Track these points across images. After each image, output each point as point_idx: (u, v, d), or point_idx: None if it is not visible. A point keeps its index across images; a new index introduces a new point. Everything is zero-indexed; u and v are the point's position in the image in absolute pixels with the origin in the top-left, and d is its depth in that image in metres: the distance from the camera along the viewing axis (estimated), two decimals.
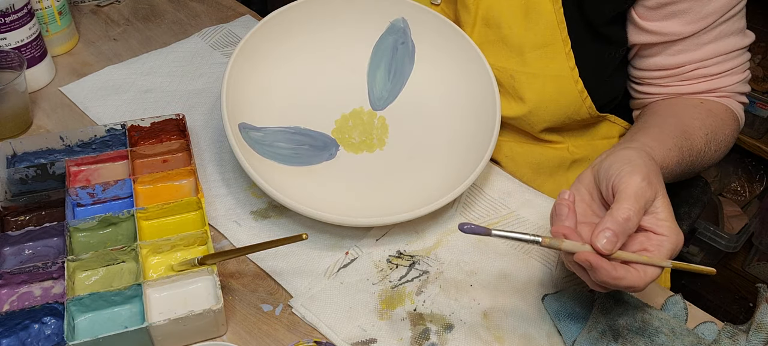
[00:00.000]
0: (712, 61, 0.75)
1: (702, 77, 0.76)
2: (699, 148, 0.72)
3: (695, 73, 0.76)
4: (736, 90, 0.78)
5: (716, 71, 0.76)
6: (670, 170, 0.67)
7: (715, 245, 1.61)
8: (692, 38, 0.73)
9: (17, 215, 0.69)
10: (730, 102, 0.78)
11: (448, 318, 0.64)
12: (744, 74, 0.78)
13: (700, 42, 0.74)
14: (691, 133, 0.71)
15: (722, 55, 0.75)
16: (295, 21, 0.81)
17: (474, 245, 0.71)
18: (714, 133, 0.74)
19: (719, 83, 0.76)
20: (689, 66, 0.75)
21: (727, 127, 0.76)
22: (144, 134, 0.77)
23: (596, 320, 0.62)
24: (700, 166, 0.75)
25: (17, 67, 0.80)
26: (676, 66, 0.76)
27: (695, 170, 0.76)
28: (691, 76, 0.76)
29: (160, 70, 0.92)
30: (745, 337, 0.61)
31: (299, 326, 0.63)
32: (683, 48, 0.74)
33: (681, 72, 0.76)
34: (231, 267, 0.68)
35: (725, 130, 0.76)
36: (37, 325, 0.60)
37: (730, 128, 0.77)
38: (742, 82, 0.78)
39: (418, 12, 0.82)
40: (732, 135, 0.77)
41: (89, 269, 0.64)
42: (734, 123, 0.78)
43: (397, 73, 0.84)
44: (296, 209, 0.66)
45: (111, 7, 1.05)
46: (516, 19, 0.75)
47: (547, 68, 0.76)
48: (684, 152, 0.69)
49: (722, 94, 0.77)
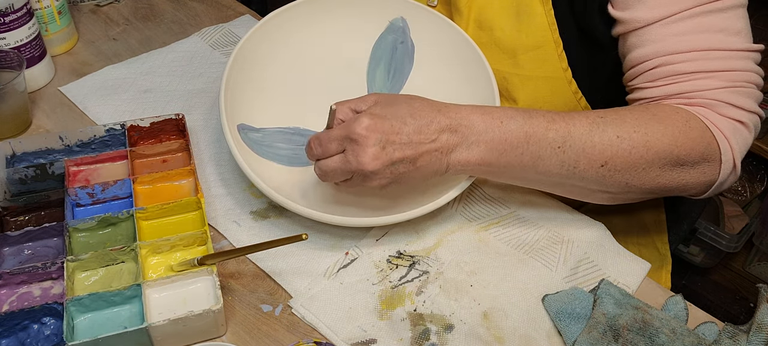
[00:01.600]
0: (680, 57, 0.66)
1: (668, 77, 0.67)
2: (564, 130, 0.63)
3: (659, 70, 0.67)
4: (716, 98, 0.65)
5: (686, 69, 0.66)
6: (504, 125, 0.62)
7: (715, 245, 1.61)
8: (659, 26, 0.66)
9: (16, 215, 0.69)
10: (709, 113, 0.65)
11: (448, 318, 0.64)
12: (731, 83, 0.65)
13: (668, 32, 0.66)
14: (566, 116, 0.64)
15: (695, 52, 0.65)
16: (295, 21, 0.81)
17: (474, 245, 0.70)
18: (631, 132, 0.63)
19: (690, 86, 0.66)
20: (653, 61, 0.67)
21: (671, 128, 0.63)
22: (143, 134, 0.76)
23: (596, 320, 0.62)
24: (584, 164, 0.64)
25: (16, 67, 0.80)
26: (642, 60, 0.68)
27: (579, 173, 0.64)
28: (655, 75, 0.67)
29: (160, 69, 0.92)
30: (745, 337, 0.61)
31: (299, 327, 0.63)
32: (649, 38, 0.67)
33: (645, 68, 0.68)
34: (231, 267, 0.68)
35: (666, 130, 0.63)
36: (37, 325, 0.59)
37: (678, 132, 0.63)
38: (727, 91, 0.65)
39: (418, 11, 0.82)
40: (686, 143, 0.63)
41: (89, 270, 0.64)
42: (694, 133, 0.64)
43: (397, 72, 0.84)
44: (296, 209, 0.66)
45: (110, 6, 1.05)
46: (508, 21, 0.75)
47: (540, 70, 0.75)
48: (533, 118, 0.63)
49: (696, 100, 0.66)
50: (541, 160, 0.64)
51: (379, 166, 0.60)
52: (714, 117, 0.65)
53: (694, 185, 0.66)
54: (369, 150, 0.59)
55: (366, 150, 0.59)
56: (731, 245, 1.60)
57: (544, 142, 0.63)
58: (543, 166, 0.64)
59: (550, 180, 0.66)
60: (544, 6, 0.73)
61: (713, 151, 0.65)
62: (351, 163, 0.60)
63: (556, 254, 0.70)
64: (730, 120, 0.65)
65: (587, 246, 0.71)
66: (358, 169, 0.60)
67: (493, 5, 0.76)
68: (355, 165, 0.60)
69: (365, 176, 0.61)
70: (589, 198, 0.70)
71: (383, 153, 0.60)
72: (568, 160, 0.63)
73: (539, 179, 0.66)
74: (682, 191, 0.67)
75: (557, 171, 0.64)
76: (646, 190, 0.66)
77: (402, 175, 0.62)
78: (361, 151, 0.59)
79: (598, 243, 0.71)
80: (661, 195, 0.69)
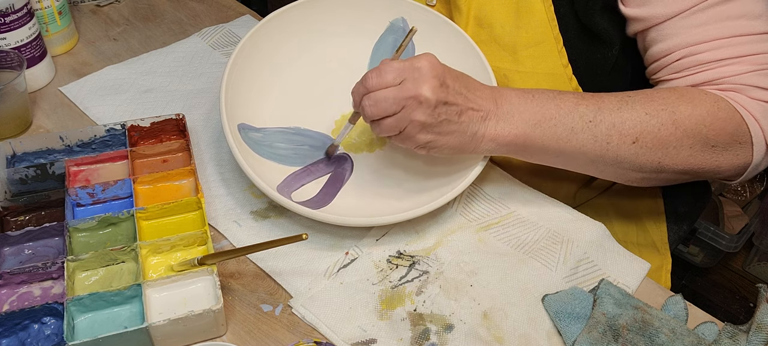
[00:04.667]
0: (705, 47, 0.66)
1: (695, 66, 0.67)
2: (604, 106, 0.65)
3: (685, 61, 0.68)
4: (745, 82, 0.66)
5: (712, 58, 0.66)
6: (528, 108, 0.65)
7: (715, 245, 1.61)
8: (678, 20, 0.67)
9: (17, 215, 0.69)
10: (739, 97, 0.66)
11: (448, 318, 0.64)
12: (758, 66, 0.66)
13: (689, 23, 0.67)
14: (598, 97, 0.66)
15: (719, 40, 0.66)
16: (295, 21, 0.81)
17: (474, 245, 0.70)
18: (659, 109, 0.64)
19: (718, 73, 0.66)
20: (677, 53, 0.68)
21: (699, 108, 0.64)
22: (144, 134, 0.76)
23: (596, 320, 0.62)
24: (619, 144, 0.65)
25: (17, 67, 0.80)
26: (665, 53, 0.69)
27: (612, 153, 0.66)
28: (681, 66, 0.68)
29: (160, 69, 0.92)
30: (745, 337, 0.61)
31: (299, 327, 0.63)
32: (671, 32, 0.68)
33: (669, 60, 0.69)
34: (231, 267, 0.68)
35: (694, 110, 0.64)
36: (37, 325, 0.59)
37: (705, 113, 0.64)
38: (755, 74, 0.66)
39: (418, 11, 0.82)
40: (715, 124, 0.64)
41: (89, 269, 0.64)
42: (722, 113, 0.65)
43: None
44: (296, 209, 0.66)
45: (111, 7, 1.05)
46: (508, 18, 0.75)
47: (540, 66, 0.75)
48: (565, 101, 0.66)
49: (725, 86, 0.67)
50: (575, 134, 0.65)
51: (433, 97, 0.61)
52: (743, 100, 0.66)
53: (728, 167, 0.67)
54: (430, 80, 0.61)
55: (427, 79, 0.61)
56: (731, 245, 1.60)
57: (576, 114, 0.65)
58: (577, 141, 0.65)
59: (585, 158, 0.67)
60: (543, 2, 0.73)
61: (743, 133, 0.66)
62: (408, 89, 0.61)
63: (556, 254, 0.70)
64: (759, 102, 0.66)
65: (587, 246, 0.71)
66: (416, 94, 0.61)
67: (493, 2, 0.76)
68: (413, 91, 0.61)
69: (418, 105, 0.61)
70: (623, 179, 0.71)
71: (441, 88, 0.61)
72: (601, 135, 0.65)
73: (574, 157, 0.67)
74: (716, 173, 0.68)
75: (591, 146, 0.65)
76: (679, 171, 0.67)
77: (445, 125, 0.63)
78: (421, 79, 0.61)
79: (598, 243, 0.71)
80: (696, 178, 0.70)
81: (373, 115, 0.63)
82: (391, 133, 0.64)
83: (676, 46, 0.68)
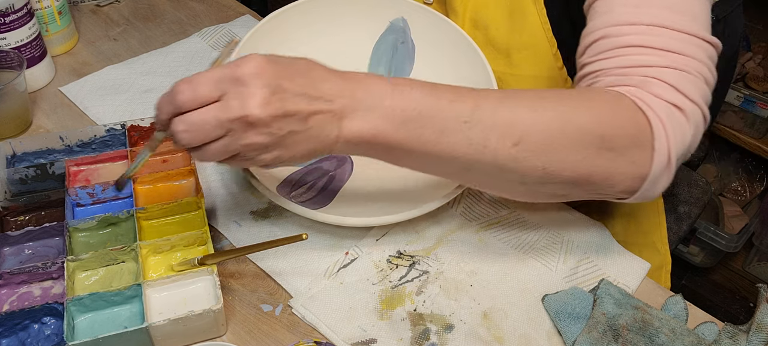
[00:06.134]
0: (626, 30, 0.58)
1: (612, 49, 0.59)
2: None
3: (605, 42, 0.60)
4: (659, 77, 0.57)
5: (629, 42, 0.58)
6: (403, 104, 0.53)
7: (715, 245, 1.61)
8: None
9: (17, 214, 0.69)
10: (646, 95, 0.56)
11: (448, 318, 0.64)
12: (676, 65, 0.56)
13: (617, 2, 0.59)
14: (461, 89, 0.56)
15: (643, 25, 0.58)
16: (295, 21, 0.81)
17: (474, 245, 0.70)
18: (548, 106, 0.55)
19: (630, 60, 0.58)
20: (601, 31, 0.60)
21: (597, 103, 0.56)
22: (144, 134, 0.76)
23: (596, 320, 0.62)
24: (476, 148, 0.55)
25: (17, 67, 0.80)
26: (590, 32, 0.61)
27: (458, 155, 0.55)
28: (601, 48, 0.60)
29: (160, 70, 0.92)
30: (745, 337, 0.61)
31: (299, 326, 0.63)
32: (600, 9, 0.61)
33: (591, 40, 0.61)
34: (231, 267, 0.68)
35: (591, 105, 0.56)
36: (37, 325, 0.59)
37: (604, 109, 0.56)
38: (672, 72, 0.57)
39: (418, 11, 0.82)
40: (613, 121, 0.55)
41: (89, 269, 0.64)
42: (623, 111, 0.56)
43: (397, 72, 0.84)
44: (296, 209, 0.66)
45: (111, 7, 1.05)
46: (502, 21, 0.75)
47: (535, 69, 0.75)
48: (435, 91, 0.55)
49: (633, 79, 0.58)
50: (445, 135, 0.54)
51: (267, 115, 0.49)
52: (650, 99, 0.56)
53: (623, 176, 0.57)
54: (258, 93, 0.48)
55: (254, 91, 0.48)
56: (731, 245, 1.60)
57: (449, 112, 0.54)
58: (448, 144, 0.54)
59: (458, 164, 0.56)
60: (535, 5, 0.72)
61: (645, 134, 0.56)
62: (232, 108, 0.49)
63: (556, 254, 0.70)
64: (666, 103, 0.56)
65: (587, 246, 0.71)
66: (241, 115, 0.49)
67: (488, 4, 0.75)
68: (238, 111, 0.48)
69: (248, 126, 0.49)
70: (507, 191, 0.62)
71: (274, 99, 0.49)
72: (476, 137, 0.54)
73: (445, 162, 0.56)
74: (609, 184, 0.57)
75: (465, 151, 0.54)
76: (566, 180, 0.56)
77: (290, 137, 0.51)
78: (247, 93, 0.48)
79: (597, 243, 0.71)
80: (585, 189, 0.58)
81: (190, 142, 0.51)
82: (218, 159, 0.52)
83: (600, 25, 0.60)
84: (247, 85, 0.49)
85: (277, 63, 0.51)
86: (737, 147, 1.69)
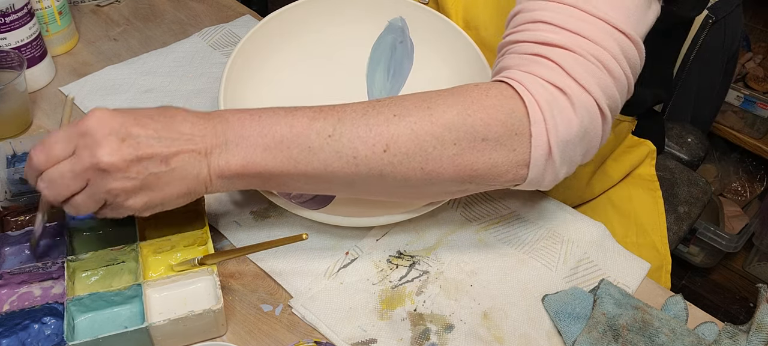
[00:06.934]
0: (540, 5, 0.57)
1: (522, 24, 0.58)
2: None
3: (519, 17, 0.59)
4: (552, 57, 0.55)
5: (537, 18, 0.57)
6: None
7: (715, 245, 1.62)
8: None
9: (17, 214, 0.69)
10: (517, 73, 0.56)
11: (448, 318, 0.64)
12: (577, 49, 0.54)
13: None
14: None
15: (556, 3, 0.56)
16: (295, 21, 0.81)
17: (474, 245, 0.71)
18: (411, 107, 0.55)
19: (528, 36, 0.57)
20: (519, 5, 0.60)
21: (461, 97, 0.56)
22: None
23: (596, 320, 0.62)
24: None
25: (17, 67, 0.80)
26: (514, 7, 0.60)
27: None
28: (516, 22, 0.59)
29: (160, 69, 0.92)
30: (745, 337, 0.61)
31: (299, 326, 0.63)
32: None
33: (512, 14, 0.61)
34: (231, 267, 0.68)
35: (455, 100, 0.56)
36: (37, 325, 0.59)
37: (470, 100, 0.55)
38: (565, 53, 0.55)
39: (416, 11, 0.82)
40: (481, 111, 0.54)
41: (89, 269, 0.64)
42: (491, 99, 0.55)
43: (396, 72, 0.84)
44: (296, 209, 0.66)
45: (111, 7, 1.05)
46: (492, 21, 0.75)
47: None
48: None
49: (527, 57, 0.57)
50: (314, 153, 0.55)
51: (118, 160, 0.51)
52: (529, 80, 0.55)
53: (507, 164, 0.56)
54: (105, 141, 0.51)
55: (101, 142, 0.51)
56: (731, 245, 1.60)
57: (312, 131, 0.55)
58: (320, 161, 0.55)
59: (340, 179, 0.57)
60: None
61: (521, 121, 0.54)
62: (83, 158, 0.51)
63: (556, 254, 0.70)
64: (549, 85, 0.54)
65: (587, 246, 0.71)
66: (92, 163, 0.51)
67: (478, 5, 0.75)
68: (88, 159, 0.51)
69: (104, 174, 0.51)
70: (399, 197, 0.62)
71: (124, 145, 0.51)
72: (344, 149, 0.55)
73: (327, 179, 0.57)
74: (495, 174, 0.57)
75: (338, 164, 0.55)
76: (451, 176, 0.56)
77: (154, 178, 0.53)
78: (94, 143, 0.51)
79: (598, 243, 0.71)
80: (475, 183, 0.58)
81: (55, 196, 0.53)
82: (91, 210, 0.54)
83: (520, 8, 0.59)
84: (92, 135, 0.51)
85: (124, 114, 0.53)
86: (737, 147, 1.69)
